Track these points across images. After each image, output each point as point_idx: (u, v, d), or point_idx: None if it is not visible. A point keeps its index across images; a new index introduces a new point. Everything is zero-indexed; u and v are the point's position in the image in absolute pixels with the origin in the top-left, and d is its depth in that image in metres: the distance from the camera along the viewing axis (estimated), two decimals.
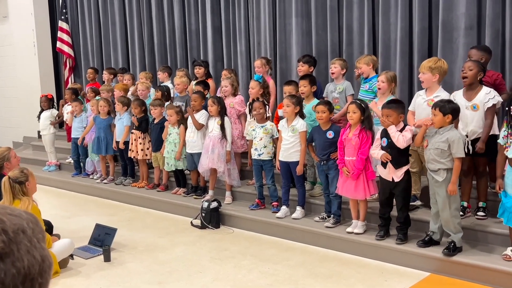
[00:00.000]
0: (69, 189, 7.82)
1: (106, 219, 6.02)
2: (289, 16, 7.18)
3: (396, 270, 4.44)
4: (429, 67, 4.66)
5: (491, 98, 4.45)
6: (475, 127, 4.52)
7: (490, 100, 4.44)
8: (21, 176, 4.31)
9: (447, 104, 4.24)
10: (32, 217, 0.96)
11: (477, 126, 4.52)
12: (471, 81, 4.52)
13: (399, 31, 6.16)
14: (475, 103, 4.50)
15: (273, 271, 4.52)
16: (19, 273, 0.87)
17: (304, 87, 5.62)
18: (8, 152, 5.02)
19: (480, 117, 4.51)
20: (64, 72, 10.52)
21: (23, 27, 10.34)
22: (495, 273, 4.01)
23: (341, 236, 4.92)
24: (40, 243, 0.93)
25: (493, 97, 4.46)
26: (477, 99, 4.50)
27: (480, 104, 4.49)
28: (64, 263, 4.66)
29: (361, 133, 4.77)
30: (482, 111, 4.50)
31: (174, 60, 8.78)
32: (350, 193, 4.88)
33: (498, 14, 5.50)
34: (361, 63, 5.48)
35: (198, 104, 6.25)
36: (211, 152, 5.99)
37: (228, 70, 7.00)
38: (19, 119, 10.70)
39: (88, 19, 10.07)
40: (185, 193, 6.57)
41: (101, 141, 7.36)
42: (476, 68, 4.50)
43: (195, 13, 8.38)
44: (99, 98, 7.71)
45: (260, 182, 5.80)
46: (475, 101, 4.51)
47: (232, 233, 5.60)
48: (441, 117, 4.21)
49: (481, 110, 4.50)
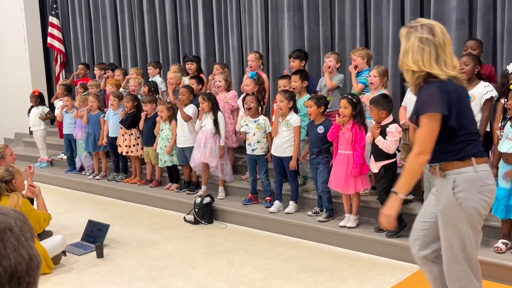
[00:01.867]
0: (61, 185, 7.78)
1: (98, 215, 6.00)
2: (281, 10, 7.15)
3: (389, 263, 4.46)
4: None
5: (489, 90, 4.50)
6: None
7: (488, 92, 4.49)
8: (7, 174, 4.26)
9: None
10: (21, 215, 0.95)
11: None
12: (469, 75, 4.54)
13: (391, 25, 6.16)
14: (472, 94, 4.52)
15: (266, 265, 4.53)
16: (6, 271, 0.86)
17: (295, 82, 5.62)
18: (4, 149, 4.94)
19: (475, 109, 4.52)
20: (55, 68, 10.44)
21: (13, 22, 10.24)
22: (487, 265, 4.02)
23: (334, 230, 4.93)
24: (28, 242, 0.92)
25: (491, 90, 4.50)
26: (474, 90, 4.52)
27: (478, 95, 4.51)
28: (57, 259, 4.64)
29: (354, 127, 4.77)
30: (478, 103, 4.52)
31: (165, 55, 8.74)
32: (341, 188, 4.89)
33: (489, 7, 5.51)
34: (356, 56, 5.49)
35: (186, 98, 6.23)
36: (203, 146, 5.97)
37: (220, 64, 6.97)
38: (10, 115, 10.62)
39: (79, 14, 9.99)
40: (178, 189, 6.55)
41: (96, 138, 7.32)
42: (472, 62, 4.53)
43: (187, 7, 8.34)
44: (86, 93, 7.65)
45: (253, 177, 5.80)
46: (472, 92, 4.52)
47: (225, 228, 5.60)
48: None
49: (476, 101, 4.51)
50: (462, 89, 2.64)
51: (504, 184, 4.04)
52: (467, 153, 2.59)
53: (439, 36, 2.57)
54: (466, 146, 2.61)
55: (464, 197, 2.59)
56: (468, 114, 2.66)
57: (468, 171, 2.59)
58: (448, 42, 2.60)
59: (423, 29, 2.59)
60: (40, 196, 4.58)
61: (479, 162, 2.60)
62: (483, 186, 2.60)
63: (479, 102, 4.52)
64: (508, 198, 4.02)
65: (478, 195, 2.60)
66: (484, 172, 2.61)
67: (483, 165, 2.61)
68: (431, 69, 2.55)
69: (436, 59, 2.55)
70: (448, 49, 2.58)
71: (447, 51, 2.57)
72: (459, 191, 2.60)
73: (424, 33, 2.57)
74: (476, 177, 2.59)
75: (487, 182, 2.62)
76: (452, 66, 2.58)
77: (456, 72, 2.59)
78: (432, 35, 2.56)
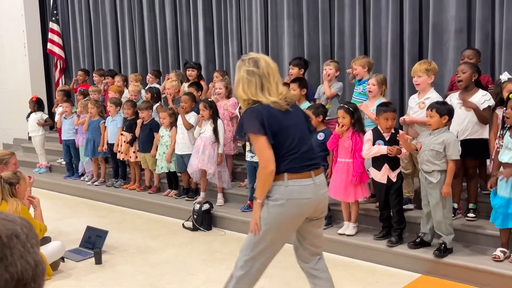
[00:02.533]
0: (60, 191, 7.78)
1: (97, 221, 6.00)
2: (281, 18, 7.19)
3: (387, 271, 4.46)
4: (426, 69, 4.72)
5: (487, 99, 4.51)
6: (466, 126, 4.56)
7: (486, 101, 4.50)
8: (13, 177, 4.28)
9: (443, 106, 4.28)
10: (26, 222, 0.96)
11: (469, 125, 4.55)
12: (467, 83, 4.56)
13: (390, 33, 6.19)
14: None
15: (265, 273, 4.51)
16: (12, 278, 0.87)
17: (294, 90, 5.64)
18: (10, 157, 4.91)
19: (473, 117, 4.55)
20: (54, 74, 10.46)
21: (14, 28, 10.27)
22: (486, 274, 4.04)
23: (332, 238, 4.93)
24: (33, 248, 0.93)
25: (489, 99, 4.51)
26: (472, 99, 4.55)
27: (476, 104, 4.52)
28: (55, 265, 4.63)
29: (353, 136, 4.79)
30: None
31: (165, 62, 8.77)
32: (340, 196, 4.90)
33: (487, 17, 5.55)
34: (356, 65, 5.49)
35: (188, 106, 6.25)
36: (201, 153, 5.98)
37: (220, 71, 7.00)
38: (9, 120, 10.63)
39: (79, 20, 10.02)
40: (176, 195, 6.55)
41: (95, 144, 7.33)
42: (470, 70, 4.54)
43: (187, 14, 8.38)
44: (88, 99, 7.68)
45: (253, 184, 5.81)
46: (470, 100, 4.54)
47: (224, 235, 5.60)
48: (438, 118, 4.24)
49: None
50: (280, 112, 2.93)
51: (503, 193, 4.05)
52: (281, 168, 2.90)
53: (263, 68, 2.93)
54: (282, 162, 2.90)
55: (272, 206, 2.93)
56: (288, 133, 2.93)
57: (279, 185, 2.91)
58: (273, 72, 2.95)
59: (250, 62, 2.95)
60: (38, 207, 4.58)
61: (290, 178, 2.91)
62: (290, 199, 2.91)
63: None
64: (506, 207, 4.03)
65: (282, 207, 2.91)
66: (294, 187, 2.90)
67: (295, 181, 2.91)
68: (257, 97, 2.91)
69: (261, 88, 2.91)
70: (273, 78, 2.94)
71: (271, 80, 2.93)
72: (271, 200, 2.93)
73: (250, 66, 2.93)
74: (285, 191, 2.90)
75: (295, 196, 2.91)
76: (277, 93, 2.93)
77: (279, 98, 2.92)
78: (257, 67, 2.92)
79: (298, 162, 2.93)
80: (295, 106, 3.09)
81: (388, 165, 4.56)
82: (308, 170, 2.96)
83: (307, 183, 2.94)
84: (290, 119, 2.97)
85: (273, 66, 2.98)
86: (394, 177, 4.57)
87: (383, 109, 4.56)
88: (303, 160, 2.95)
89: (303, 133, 3.02)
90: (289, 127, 2.95)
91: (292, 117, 2.99)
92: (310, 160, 2.99)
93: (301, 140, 2.99)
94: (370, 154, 4.60)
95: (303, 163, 2.95)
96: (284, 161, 2.91)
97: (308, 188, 2.94)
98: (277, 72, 3.00)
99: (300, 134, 2.99)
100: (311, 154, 3.02)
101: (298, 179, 2.92)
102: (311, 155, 3.03)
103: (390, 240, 4.60)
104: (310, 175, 2.96)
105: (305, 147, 2.99)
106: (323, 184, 3.05)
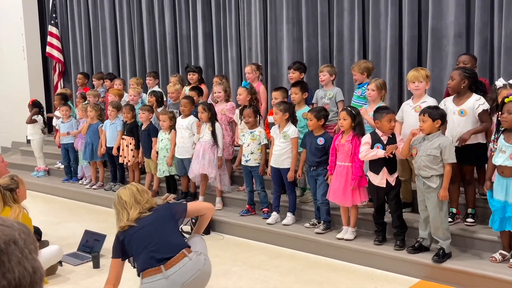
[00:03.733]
0: (58, 194, 7.76)
1: (95, 225, 5.97)
2: (280, 22, 7.20)
3: (386, 276, 4.45)
4: (426, 75, 4.80)
5: (481, 104, 4.51)
6: (461, 132, 4.56)
7: (480, 106, 4.50)
8: (12, 183, 4.28)
9: (435, 110, 4.30)
10: (24, 227, 0.95)
11: (464, 131, 4.56)
12: (456, 90, 4.60)
13: (389, 38, 6.21)
14: (463, 109, 4.55)
15: (263, 277, 4.52)
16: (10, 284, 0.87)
17: (296, 94, 5.65)
18: None
19: (467, 123, 4.55)
20: (53, 77, 10.45)
21: (13, 31, 10.27)
22: (484, 279, 4.04)
23: (331, 242, 4.93)
24: (32, 254, 0.93)
25: (483, 103, 4.51)
26: (465, 105, 4.55)
27: (469, 110, 4.53)
28: (53, 270, 4.62)
29: (353, 139, 4.79)
30: (470, 117, 4.54)
31: (164, 66, 8.77)
32: (339, 200, 4.90)
33: (486, 22, 5.57)
34: (355, 71, 5.50)
35: (187, 109, 6.24)
36: (202, 157, 5.97)
37: (219, 76, 7.00)
38: (7, 124, 10.61)
39: (78, 23, 10.02)
40: (175, 199, 6.54)
41: (94, 147, 7.32)
42: (458, 77, 4.56)
43: (186, 18, 8.38)
44: (87, 102, 7.67)
45: (250, 188, 5.81)
46: (463, 106, 4.56)
47: (223, 239, 5.59)
48: (431, 123, 4.24)
49: (469, 116, 4.54)
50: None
51: (498, 196, 4.06)
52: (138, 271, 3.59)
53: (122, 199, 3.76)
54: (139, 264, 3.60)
55: None
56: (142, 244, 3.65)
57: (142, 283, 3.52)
58: (128, 201, 3.76)
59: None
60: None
61: (143, 276, 3.52)
62: None
63: (472, 115, 4.54)
64: (502, 211, 4.04)
65: None
66: (145, 285, 3.49)
67: (145, 279, 3.50)
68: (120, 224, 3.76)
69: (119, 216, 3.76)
70: (129, 205, 3.76)
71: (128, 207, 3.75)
72: None
73: (116, 199, 3.74)
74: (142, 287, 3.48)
75: None
76: (130, 219, 3.75)
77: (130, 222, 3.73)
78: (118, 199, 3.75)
79: (147, 264, 3.52)
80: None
81: (386, 168, 4.56)
82: (154, 266, 3.48)
83: (155, 280, 3.45)
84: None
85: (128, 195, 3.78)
86: (393, 180, 4.58)
87: (385, 111, 4.59)
88: (152, 260, 3.52)
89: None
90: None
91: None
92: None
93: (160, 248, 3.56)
94: (368, 157, 4.60)
95: (148, 265, 3.51)
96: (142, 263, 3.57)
97: (152, 284, 3.45)
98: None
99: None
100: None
101: (148, 277, 3.48)
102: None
103: (397, 244, 4.59)
104: (153, 271, 3.47)
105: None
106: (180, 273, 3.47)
